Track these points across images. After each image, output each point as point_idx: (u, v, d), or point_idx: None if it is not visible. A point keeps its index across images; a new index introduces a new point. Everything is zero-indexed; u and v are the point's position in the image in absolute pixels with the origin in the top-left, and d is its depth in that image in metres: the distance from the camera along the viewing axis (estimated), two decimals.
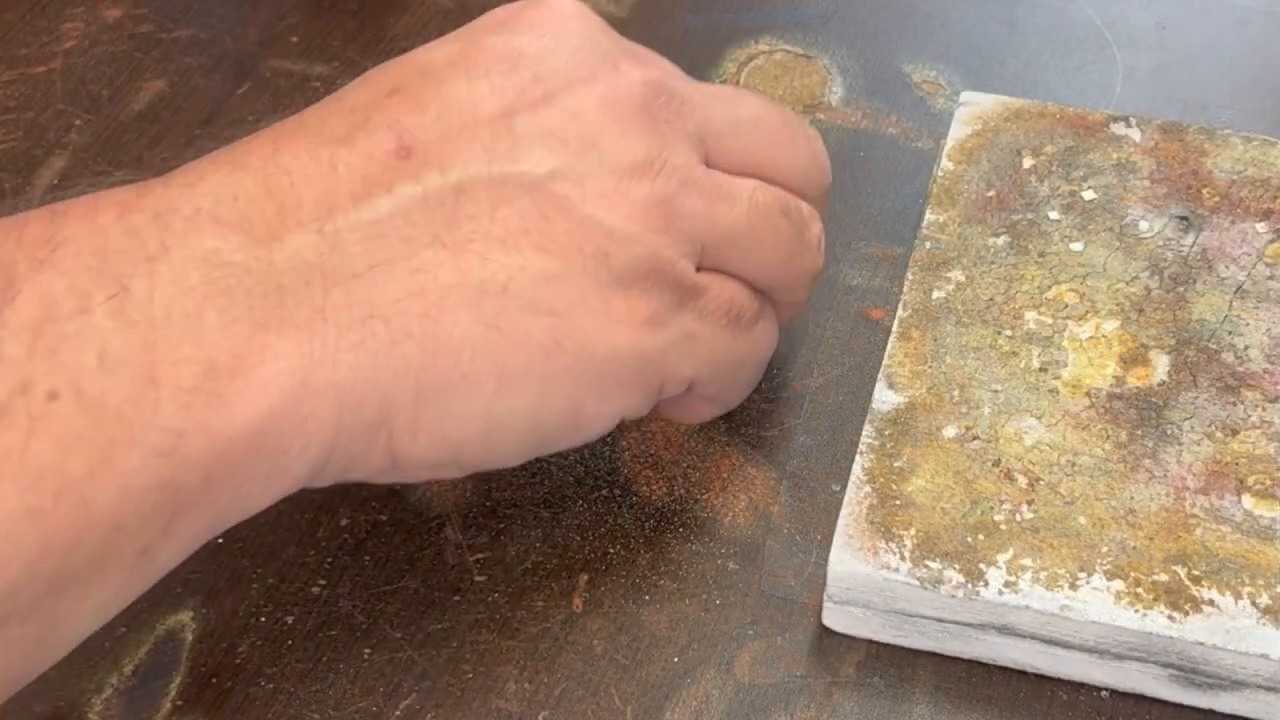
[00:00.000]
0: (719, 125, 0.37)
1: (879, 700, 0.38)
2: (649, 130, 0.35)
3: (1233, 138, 0.47)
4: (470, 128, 0.34)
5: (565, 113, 0.34)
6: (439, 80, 0.34)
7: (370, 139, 0.33)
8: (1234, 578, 0.37)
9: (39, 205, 0.49)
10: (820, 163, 0.40)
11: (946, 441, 0.40)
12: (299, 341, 0.31)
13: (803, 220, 0.39)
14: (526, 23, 0.36)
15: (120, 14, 0.55)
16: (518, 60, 0.35)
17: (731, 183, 0.37)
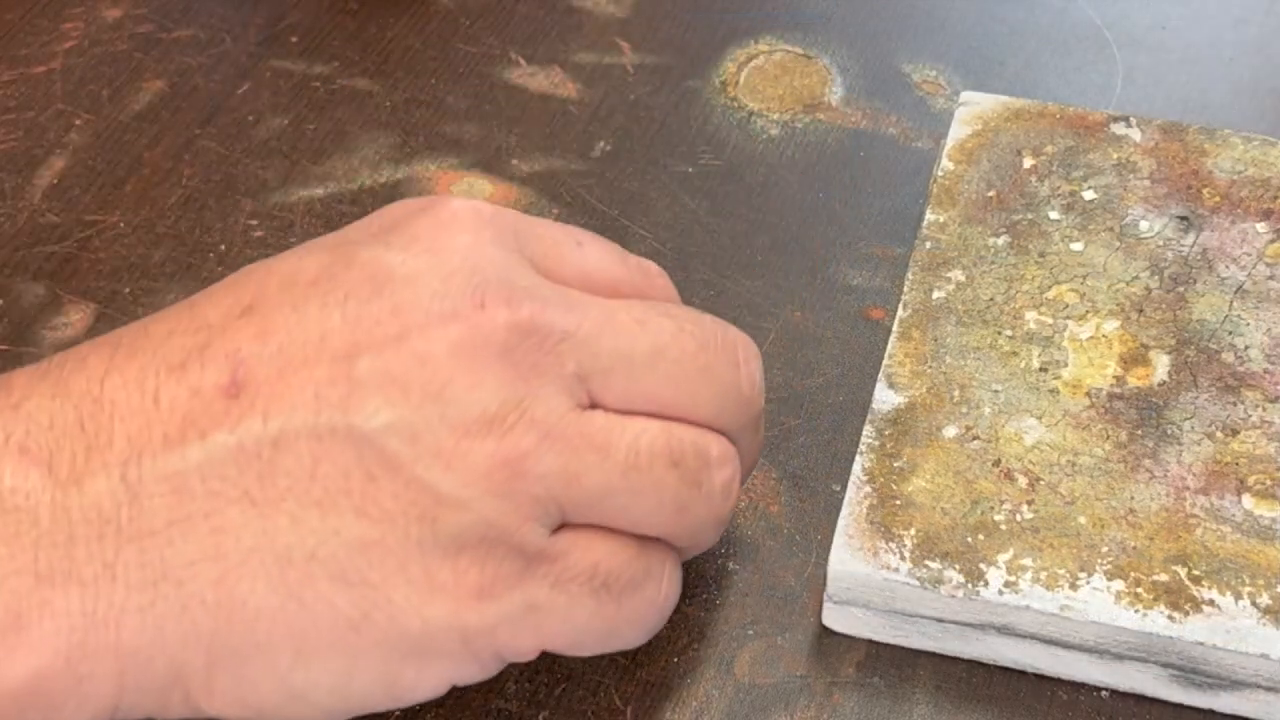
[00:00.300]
0: (607, 361, 0.33)
1: (879, 700, 0.38)
2: (506, 380, 0.31)
3: (1233, 138, 0.47)
4: (309, 365, 0.31)
5: (413, 357, 0.31)
6: (294, 303, 0.32)
7: (203, 370, 0.31)
8: (1234, 578, 0.37)
9: (39, 205, 0.49)
10: (743, 393, 0.35)
11: (947, 441, 0.40)
12: (83, 599, 0.30)
13: (700, 468, 0.34)
14: (410, 234, 0.33)
15: (120, 14, 0.55)
16: (382, 285, 0.32)
17: (610, 430, 0.32)
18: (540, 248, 0.34)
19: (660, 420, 0.33)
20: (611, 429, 0.32)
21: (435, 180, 0.50)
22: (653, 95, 0.53)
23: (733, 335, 0.35)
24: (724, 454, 0.34)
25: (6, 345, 0.45)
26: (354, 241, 0.33)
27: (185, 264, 0.47)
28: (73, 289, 0.46)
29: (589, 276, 0.34)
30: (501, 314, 0.32)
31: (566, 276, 0.34)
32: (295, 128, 0.51)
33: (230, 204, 0.49)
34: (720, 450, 0.34)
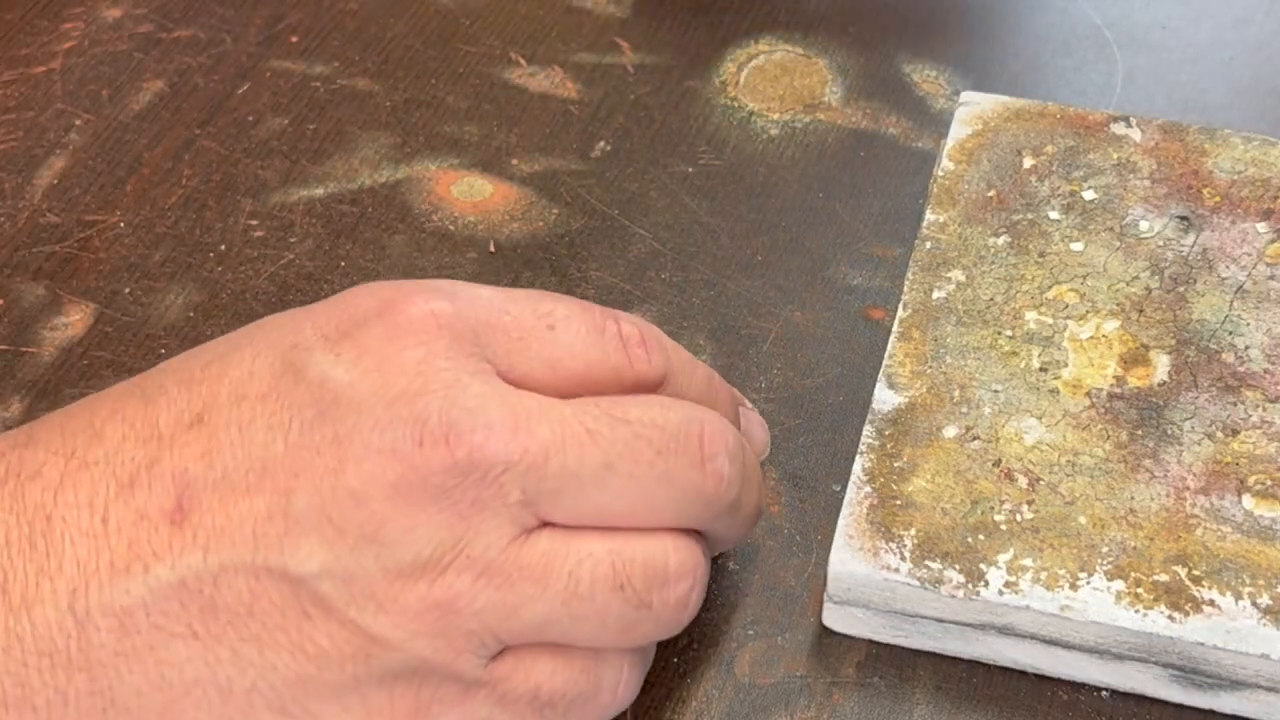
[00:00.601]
0: (555, 483, 0.32)
1: (879, 700, 0.38)
2: (442, 522, 0.31)
3: (1233, 138, 0.47)
4: (250, 495, 0.31)
5: (350, 497, 0.31)
6: (241, 422, 0.32)
7: (150, 491, 0.31)
8: (1234, 578, 0.37)
9: (39, 205, 0.49)
10: (706, 493, 0.33)
11: (947, 441, 0.40)
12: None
13: (650, 588, 0.33)
14: (363, 345, 0.32)
15: (120, 14, 0.55)
16: (327, 409, 0.31)
17: (551, 557, 0.32)
18: (504, 344, 0.33)
19: (609, 538, 0.32)
20: (553, 557, 0.32)
21: (435, 180, 0.50)
22: (653, 95, 0.53)
23: (698, 428, 0.33)
24: (681, 566, 0.33)
25: (6, 345, 0.45)
26: (308, 346, 0.32)
27: (185, 264, 0.47)
28: (73, 289, 0.46)
29: (557, 367, 0.33)
30: (439, 455, 0.31)
31: (531, 374, 0.33)
32: (295, 128, 0.51)
33: (230, 204, 0.49)
34: (678, 561, 0.33)
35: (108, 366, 0.44)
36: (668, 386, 0.35)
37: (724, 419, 0.34)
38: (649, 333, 0.35)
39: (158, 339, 0.45)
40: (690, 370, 0.36)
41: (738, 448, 0.34)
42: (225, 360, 0.33)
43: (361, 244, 0.48)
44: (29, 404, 0.44)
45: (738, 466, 0.34)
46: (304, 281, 0.47)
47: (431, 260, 0.47)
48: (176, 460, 0.32)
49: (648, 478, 0.33)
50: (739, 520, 0.35)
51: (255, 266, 0.47)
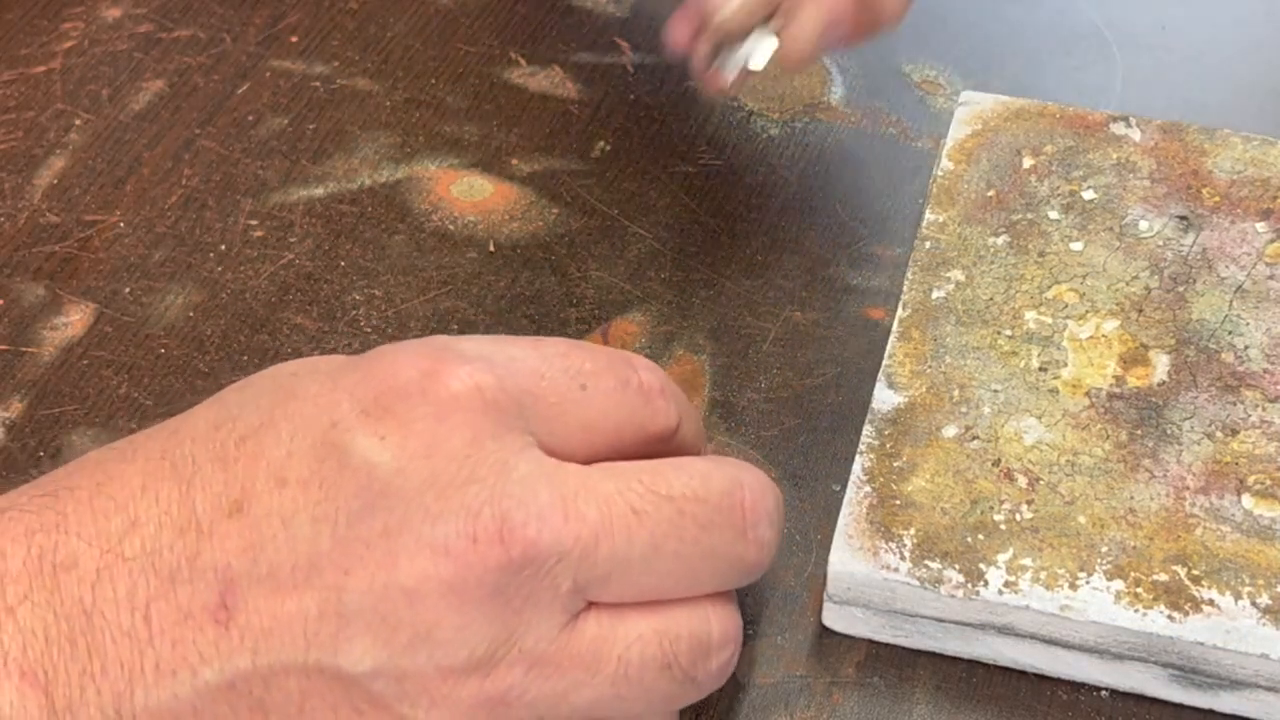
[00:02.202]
0: (604, 569, 0.31)
1: (879, 700, 0.38)
2: (496, 618, 0.31)
3: (1233, 137, 0.47)
4: (298, 592, 0.30)
5: (402, 595, 0.30)
6: (284, 513, 0.31)
7: (193, 587, 0.31)
8: (1234, 578, 0.37)
9: (39, 205, 0.49)
10: (748, 563, 0.33)
11: (946, 441, 0.40)
12: None
13: (694, 662, 0.33)
14: (406, 424, 0.31)
15: (120, 14, 0.55)
16: (375, 499, 0.31)
17: (600, 642, 0.32)
18: (544, 413, 0.33)
19: (654, 615, 0.33)
20: (602, 642, 0.32)
21: (435, 180, 0.50)
22: (653, 95, 0.53)
23: (740, 496, 0.33)
24: (724, 635, 0.34)
25: (6, 345, 0.45)
26: (348, 426, 0.31)
27: (185, 264, 0.47)
28: (73, 289, 0.46)
29: (591, 430, 0.33)
30: (494, 553, 0.30)
31: (569, 441, 0.33)
32: (295, 128, 0.51)
33: (230, 204, 0.49)
34: (720, 631, 0.33)
35: (108, 366, 0.44)
36: (681, 430, 0.35)
37: (762, 478, 0.34)
38: (662, 378, 0.35)
39: (157, 339, 0.45)
40: (688, 409, 0.35)
41: (777, 510, 0.34)
42: (260, 438, 0.32)
43: (361, 244, 0.48)
44: (29, 404, 0.44)
45: (777, 529, 0.34)
46: (304, 281, 0.47)
47: (431, 260, 0.47)
48: (218, 554, 0.31)
49: (693, 555, 0.32)
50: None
51: (255, 266, 0.47)
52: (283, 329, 0.46)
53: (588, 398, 0.33)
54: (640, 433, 0.34)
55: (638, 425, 0.34)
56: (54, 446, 0.43)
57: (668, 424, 0.34)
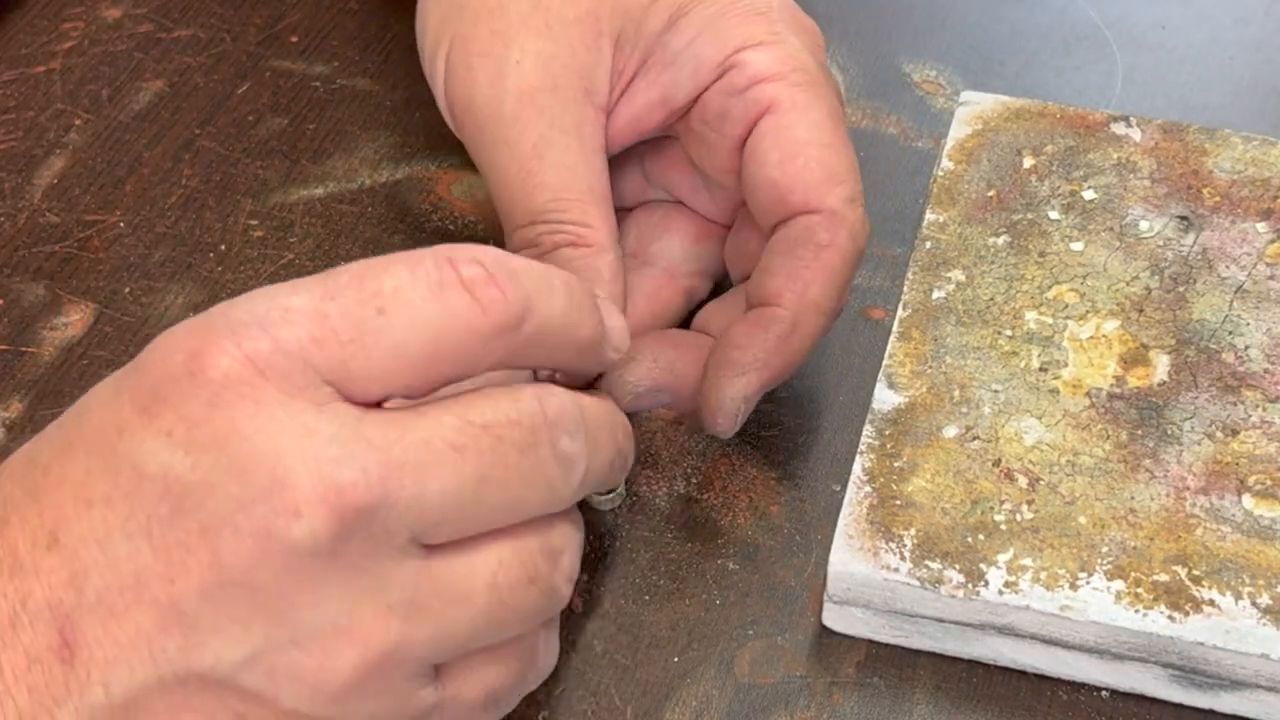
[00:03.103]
0: (437, 513, 0.30)
1: (879, 700, 0.38)
2: (345, 581, 0.30)
3: (1233, 137, 0.47)
4: (131, 612, 0.29)
5: (239, 588, 0.29)
6: (97, 535, 0.30)
7: (32, 630, 0.30)
8: (1234, 578, 0.37)
9: (39, 205, 0.49)
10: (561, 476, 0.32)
11: (947, 441, 0.40)
12: None
13: (551, 570, 0.33)
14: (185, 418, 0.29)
15: (120, 14, 0.55)
16: (179, 501, 0.29)
17: (467, 577, 0.31)
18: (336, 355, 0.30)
19: (508, 539, 0.32)
20: (468, 576, 0.31)
21: (435, 180, 0.50)
22: None
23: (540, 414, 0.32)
24: (565, 536, 0.33)
25: (6, 345, 0.45)
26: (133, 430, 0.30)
27: (185, 264, 0.47)
28: (73, 289, 0.46)
29: (402, 354, 0.31)
30: (319, 523, 0.29)
31: (376, 376, 0.31)
32: (295, 128, 0.51)
33: (230, 204, 0.49)
34: (561, 533, 0.33)
35: (107, 366, 0.44)
36: (531, 316, 0.32)
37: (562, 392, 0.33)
38: (493, 264, 0.31)
39: None
40: (546, 287, 0.32)
41: (578, 422, 0.33)
42: (63, 463, 0.31)
43: (361, 244, 0.48)
44: (29, 404, 0.44)
45: (580, 440, 0.33)
46: None
47: None
48: (47, 590, 0.30)
49: (515, 481, 0.31)
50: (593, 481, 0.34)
51: (255, 266, 0.47)
52: None
53: (388, 321, 0.30)
54: (470, 334, 0.31)
55: (464, 327, 0.31)
56: None
57: (504, 314, 0.31)
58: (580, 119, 0.41)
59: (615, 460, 0.35)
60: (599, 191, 0.41)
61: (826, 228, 0.39)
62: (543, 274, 0.33)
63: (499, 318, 0.31)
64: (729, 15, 0.40)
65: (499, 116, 0.41)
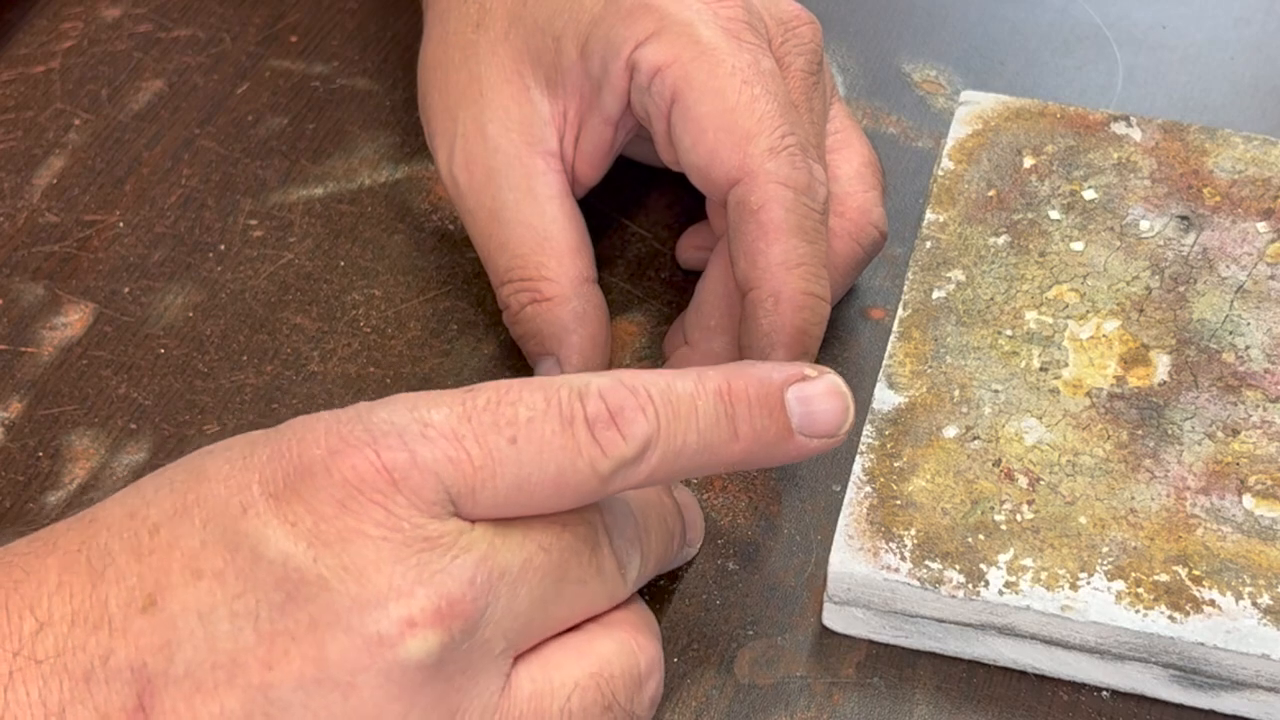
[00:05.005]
0: (526, 617, 0.31)
1: (879, 700, 0.38)
2: (439, 700, 0.30)
3: (1233, 137, 0.47)
4: (219, 692, 0.29)
5: (337, 689, 0.29)
6: (200, 608, 0.29)
7: (108, 688, 0.29)
8: (1235, 578, 0.37)
9: (38, 205, 0.49)
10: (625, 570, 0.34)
11: (947, 441, 0.40)
12: None
13: (632, 695, 0.33)
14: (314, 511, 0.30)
15: (119, 13, 0.55)
16: (294, 591, 0.29)
17: (540, 699, 0.32)
18: (466, 480, 0.31)
19: (585, 660, 0.33)
20: (542, 698, 0.32)
21: (435, 180, 0.50)
22: None
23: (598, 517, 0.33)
24: (650, 662, 0.34)
25: (6, 345, 0.45)
26: (258, 513, 0.30)
27: (185, 264, 0.47)
28: (72, 289, 0.46)
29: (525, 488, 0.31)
30: (434, 634, 0.30)
31: (498, 505, 0.31)
32: (295, 127, 0.51)
33: (230, 204, 0.49)
34: (647, 660, 0.34)
35: (107, 366, 0.44)
36: (655, 449, 0.32)
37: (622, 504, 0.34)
38: (619, 399, 0.32)
39: (157, 339, 0.45)
40: (684, 411, 0.33)
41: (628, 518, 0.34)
42: (174, 527, 0.30)
43: (361, 244, 0.48)
44: (28, 404, 0.44)
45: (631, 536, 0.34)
46: (303, 281, 0.47)
47: (431, 260, 0.47)
48: (133, 652, 0.29)
49: (592, 581, 0.33)
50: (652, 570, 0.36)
51: (254, 266, 0.47)
52: (282, 329, 0.45)
53: (517, 453, 0.31)
54: (592, 473, 0.32)
55: (586, 467, 0.32)
56: (53, 446, 0.43)
57: (623, 453, 0.32)
58: (528, 173, 0.42)
59: (669, 545, 0.37)
60: (558, 240, 0.42)
61: (753, 190, 0.39)
62: (687, 396, 0.33)
63: (616, 457, 0.32)
64: (618, 20, 0.40)
65: (459, 190, 0.43)
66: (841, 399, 0.34)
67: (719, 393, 0.33)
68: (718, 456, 0.33)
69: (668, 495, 0.37)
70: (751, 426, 0.33)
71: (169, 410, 0.43)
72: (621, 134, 0.43)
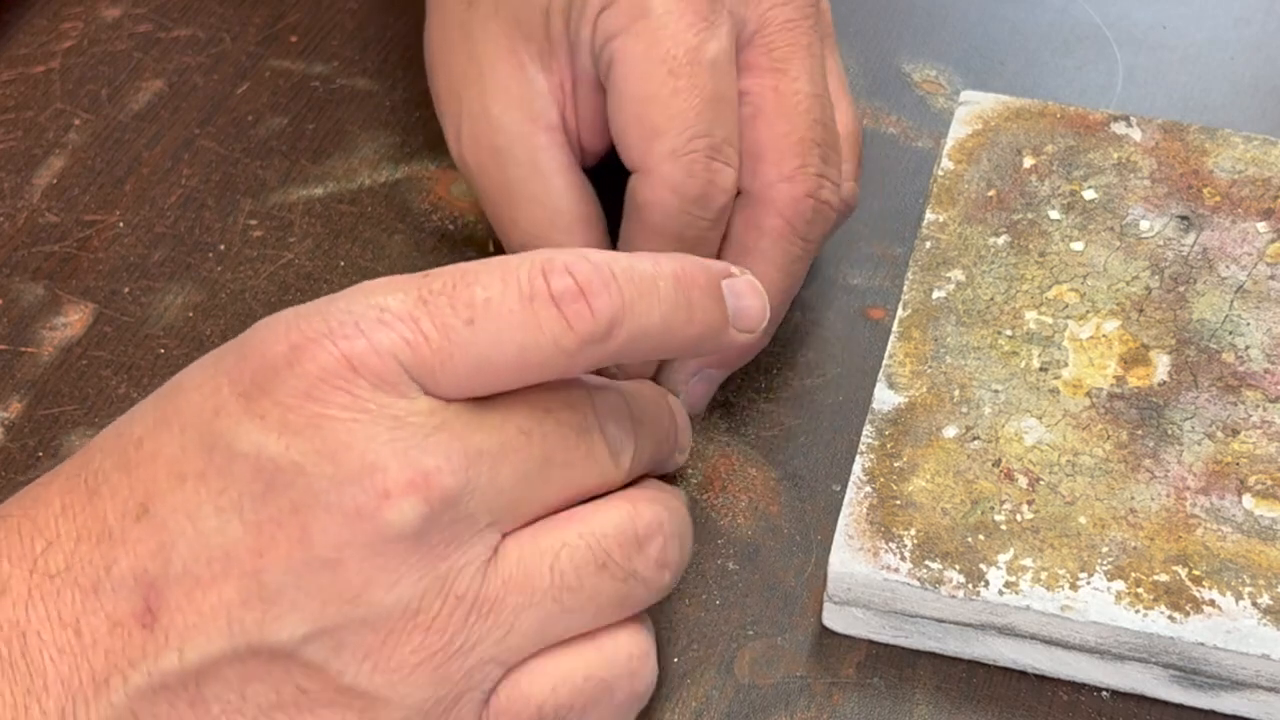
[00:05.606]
0: (511, 495, 0.32)
1: (879, 700, 0.38)
2: (425, 568, 0.31)
3: (1233, 137, 0.47)
4: (217, 584, 0.30)
5: (324, 566, 0.30)
6: (188, 508, 0.31)
7: (115, 595, 0.31)
8: (1235, 578, 0.37)
9: (38, 205, 0.49)
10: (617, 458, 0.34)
11: (947, 441, 0.40)
12: None
13: (629, 555, 0.33)
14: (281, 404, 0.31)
15: (119, 13, 0.55)
16: (272, 479, 0.30)
17: (527, 563, 0.32)
18: (426, 360, 0.31)
19: (572, 521, 0.33)
20: (528, 560, 0.32)
21: (435, 180, 0.50)
22: None
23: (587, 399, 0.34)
24: (647, 525, 0.34)
25: (6, 345, 0.45)
26: (230, 412, 0.31)
27: (184, 264, 0.47)
28: (72, 289, 0.46)
29: (485, 367, 0.32)
30: (412, 503, 0.30)
31: (460, 384, 0.32)
32: (295, 127, 0.51)
33: (229, 204, 0.49)
34: (644, 522, 0.34)
35: (107, 366, 0.44)
36: (622, 326, 0.32)
37: (605, 383, 0.34)
38: (586, 274, 0.32)
39: (157, 339, 0.45)
40: (646, 290, 0.33)
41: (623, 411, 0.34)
42: (156, 437, 0.32)
43: (361, 244, 0.48)
44: (28, 404, 0.44)
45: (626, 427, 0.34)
46: (303, 281, 0.47)
47: (431, 260, 0.47)
48: (133, 559, 0.31)
49: (575, 464, 0.33)
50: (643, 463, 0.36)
51: (254, 266, 0.47)
52: None
53: (474, 333, 0.31)
54: (556, 349, 0.32)
55: (550, 343, 0.32)
56: (53, 446, 0.43)
57: (590, 328, 0.32)
58: (532, 149, 0.42)
59: (663, 443, 0.37)
60: (567, 214, 0.42)
61: (644, 186, 0.40)
62: (648, 276, 0.33)
63: (584, 333, 0.32)
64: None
65: (469, 170, 0.43)
66: (761, 296, 0.36)
67: (676, 276, 0.34)
68: (675, 339, 0.34)
69: (662, 396, 0.38)
70: (703, 311, 0.34)
71: None
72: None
